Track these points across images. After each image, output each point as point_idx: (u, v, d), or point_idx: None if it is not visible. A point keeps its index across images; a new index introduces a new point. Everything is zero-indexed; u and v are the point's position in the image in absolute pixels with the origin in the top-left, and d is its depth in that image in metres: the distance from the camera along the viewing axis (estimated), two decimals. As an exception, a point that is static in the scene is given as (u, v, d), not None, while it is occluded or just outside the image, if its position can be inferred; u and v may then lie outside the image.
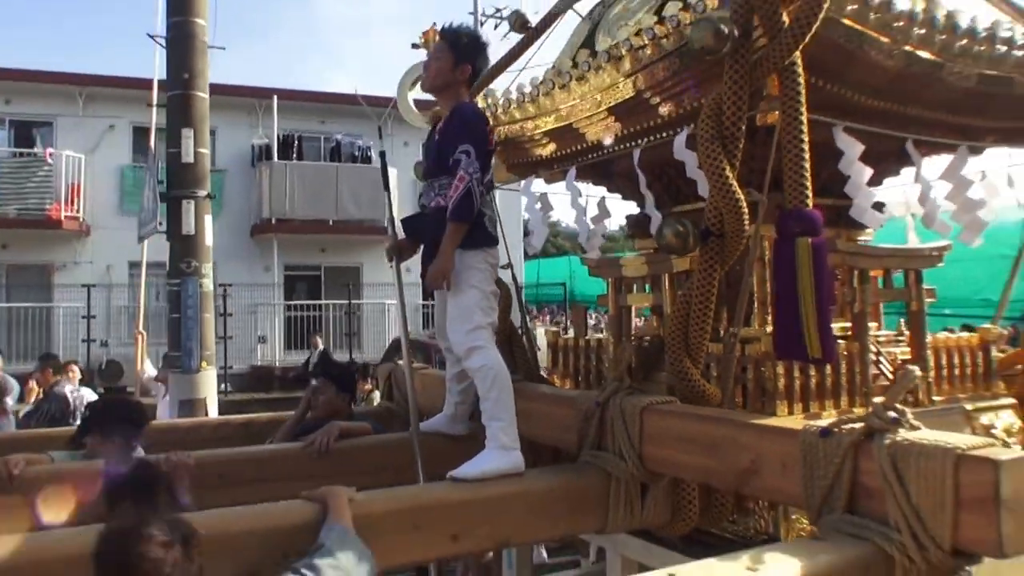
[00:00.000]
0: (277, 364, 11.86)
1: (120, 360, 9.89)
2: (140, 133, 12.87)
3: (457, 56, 2.29)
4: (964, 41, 2.16)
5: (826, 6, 1.74)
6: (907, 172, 2.62)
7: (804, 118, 1.81)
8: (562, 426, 2.26)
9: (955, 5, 2.45)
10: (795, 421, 1.81)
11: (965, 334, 2.73)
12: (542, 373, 2.91)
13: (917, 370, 1.57)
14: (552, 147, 2.81)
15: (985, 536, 1.27)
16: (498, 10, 19.05)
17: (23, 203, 11.22)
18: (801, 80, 1.82)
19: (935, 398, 2.45)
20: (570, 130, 2.64)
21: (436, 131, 2.37)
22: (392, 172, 11.95)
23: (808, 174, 1.81)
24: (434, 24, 3.29)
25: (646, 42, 2.16)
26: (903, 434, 1.40)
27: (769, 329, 2.17)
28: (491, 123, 2.56)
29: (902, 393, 1.45)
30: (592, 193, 3.11)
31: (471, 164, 2.14)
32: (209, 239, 5.59)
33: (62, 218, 11.50)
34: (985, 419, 2.58)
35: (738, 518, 2.17)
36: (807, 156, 1.81)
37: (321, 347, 10.32)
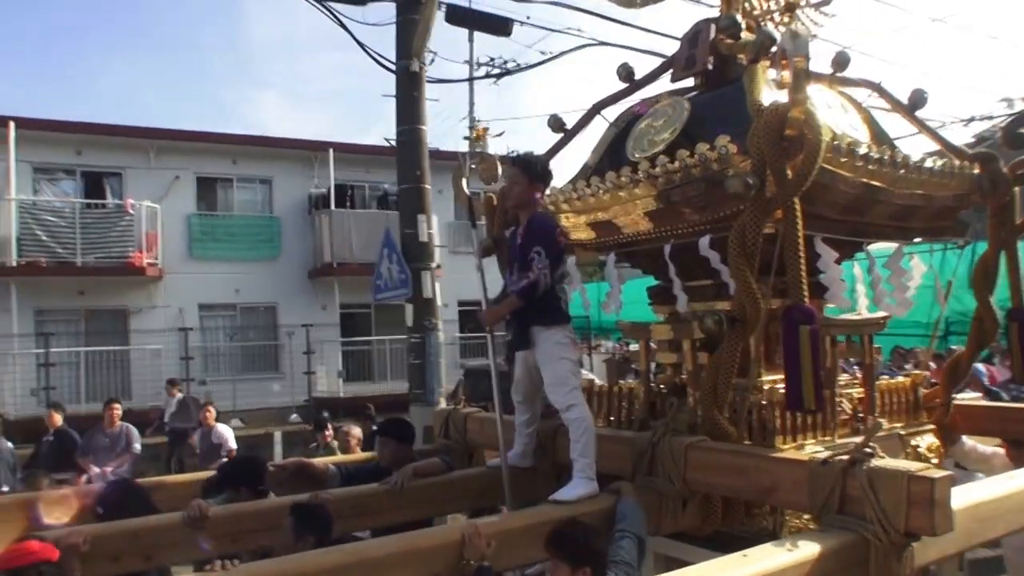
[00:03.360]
0: (341, 395, 12.71)
1: (195, 399, 10.20)
2: (203, 183, 13.72)
3: (531, 180, 3.01)
4: (901, 171, 3.02)
5: (819, 164, 2.53)
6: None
7: (801, 237, 2.61)
8: (617, 458, 2.97)
9: (894, 129, 3.35)
10: (800, 454, 2.58)
11: (901, 377, 3.60)
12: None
13: (884, 422, 2.36)
14: (592, 234, 3.53)
15: (924, 523, 2.05)
16: (492, 59, 20.08)
17: (107, 251, 11.91)
18: (799, 210, 2.62)
19: (883, 429, 3.28)
20: (609, 224, 3.37)
21: (517, 234, 3.05)
22: (434, 219, 12.58)
23: (805, 278, 2.60)
24: (486, 127, 4.00)
25: (679, 169, 2.92)
26: (874, 462, 2.18)
27: (764, 382, 2.97)
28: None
29: (872, 436, 2.23)
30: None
31: (541, 262, 2.85)
32: (439, 300, 6.97)
33: (144, 265, 12.22)
34: (914, 441, 3.45)
35: (746, 521, 2.92)
36: (804, 265, 2.60)
37: (179, 396, 9.63)
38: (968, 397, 4.34)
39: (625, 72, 3.79)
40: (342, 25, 7.27)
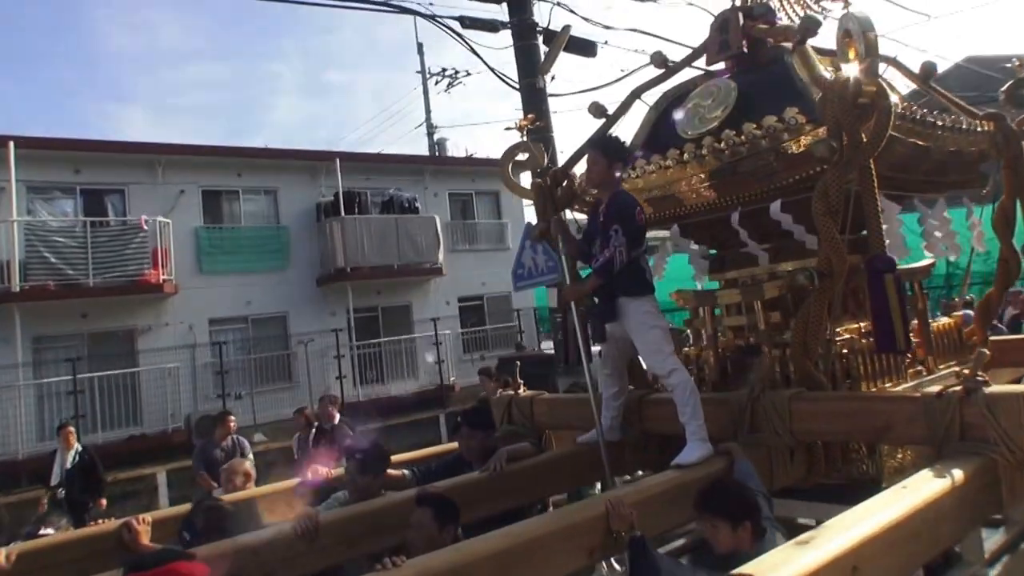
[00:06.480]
0: (360, 398, 12.68)
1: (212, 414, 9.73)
2: (208, 197, 13.25)
3: (608, 159, 3.09)
4: (940, 132, 3.27)
5: (891, 127, 2.72)
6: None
7: (876, 194, 2.80)
8: (712, 420, 3.08)
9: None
10: (910, 391, 2.76)
11: (945, 319, 3.89)
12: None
13: (987, 352, 2.56)
14: (650, 209, 3.65)
15: (1045, 439, 2.25)
16: (444, 69, 20.27)
17: (122, 269, 11.25)
18: (873, 169, 2.81)
19: (940, 366, 3.54)
20: (671, 198, 3.50)
21: (600, 212, 3.14)
22: (436, 218, 12.94)
23: (882, 230, 2.79)
24: (530, 116, 4.06)
25: (745, 141, 3.08)
26: (987, 389, 2.37)
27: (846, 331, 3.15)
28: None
29: (980, 366, 2.43)
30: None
31: (619, 239, 2.92)
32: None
33: (161, 281, 11.62)
34: (965, 377, 3.71)
35: (843, 468, 3.09)
36: (881, 219, 2.79)
37: (78, 447, 6.84)
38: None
39: (660, 59, 3.93)
40: (475, 52, 7.79)
